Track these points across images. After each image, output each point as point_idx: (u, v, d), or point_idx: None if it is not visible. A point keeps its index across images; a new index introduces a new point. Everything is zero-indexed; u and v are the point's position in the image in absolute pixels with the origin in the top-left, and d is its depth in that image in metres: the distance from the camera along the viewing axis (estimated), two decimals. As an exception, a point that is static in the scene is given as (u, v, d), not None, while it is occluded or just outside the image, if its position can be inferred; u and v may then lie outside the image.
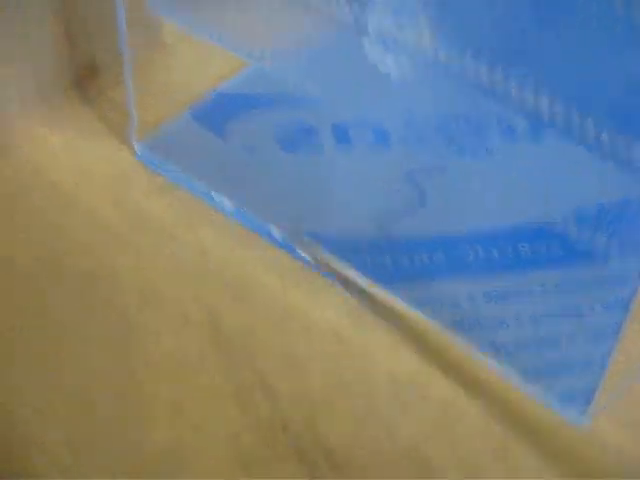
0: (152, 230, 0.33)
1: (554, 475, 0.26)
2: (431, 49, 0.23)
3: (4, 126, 0.37)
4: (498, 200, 0.36)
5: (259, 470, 0.26)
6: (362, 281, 0.31)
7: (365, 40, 0.24)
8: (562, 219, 0.36)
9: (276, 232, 0.33)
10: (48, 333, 0.29)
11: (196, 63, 0.44)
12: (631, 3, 0.19)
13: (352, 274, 0.32)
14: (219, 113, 0.39)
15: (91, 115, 0.39)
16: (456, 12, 0.22)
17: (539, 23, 0.22)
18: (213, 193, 0.34)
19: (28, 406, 0.26)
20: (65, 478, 0.24)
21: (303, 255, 0.32)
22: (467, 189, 0.37)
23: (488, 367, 0.29)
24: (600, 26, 0.21)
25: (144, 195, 0.35)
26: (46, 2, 0.36)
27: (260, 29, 0.27)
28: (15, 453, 0.25)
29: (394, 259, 0.33)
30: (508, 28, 0.22)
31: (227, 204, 0.34)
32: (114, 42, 0.42)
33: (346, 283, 0.32)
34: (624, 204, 0.30)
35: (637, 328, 0.28)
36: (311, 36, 0.26)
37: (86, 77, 0.41)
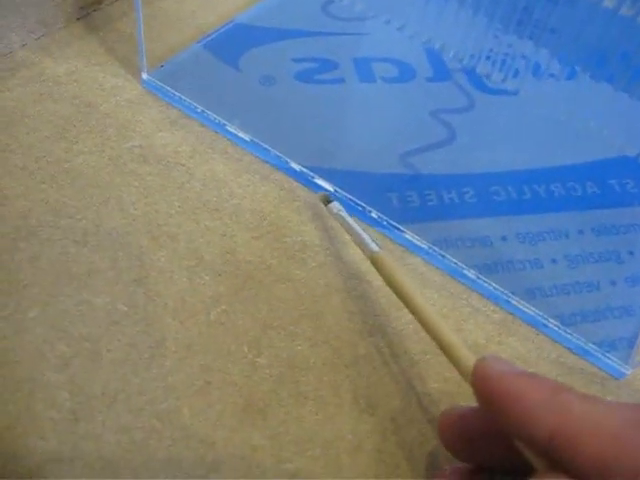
0: (162, 162, 0.31)
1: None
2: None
3: (6, 55, 0.35)
4: (530, 139, 0.34)
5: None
6: (387, 218, 0.29)
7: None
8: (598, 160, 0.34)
9: (294, 164, 0.31)
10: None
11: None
12: None
13: (375, 210, 0.29)
14: (234, 44, 0.37)
15: (97, 46, 0.37)
16: None
17: None
18: (228, 125, 0.32)
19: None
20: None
21: (323, 188, 0.30)
22: (497, 127, 0.35)
23: (521, 310, 0.27)
24: None
25: (154, 127, 0.32)
26: None
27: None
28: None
29: (421, 196, 0.30)
30: None
31: (242, 136, 0.32)
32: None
33: (369, 219, 0.29)
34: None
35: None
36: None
37: (91, 7, 0.39)
